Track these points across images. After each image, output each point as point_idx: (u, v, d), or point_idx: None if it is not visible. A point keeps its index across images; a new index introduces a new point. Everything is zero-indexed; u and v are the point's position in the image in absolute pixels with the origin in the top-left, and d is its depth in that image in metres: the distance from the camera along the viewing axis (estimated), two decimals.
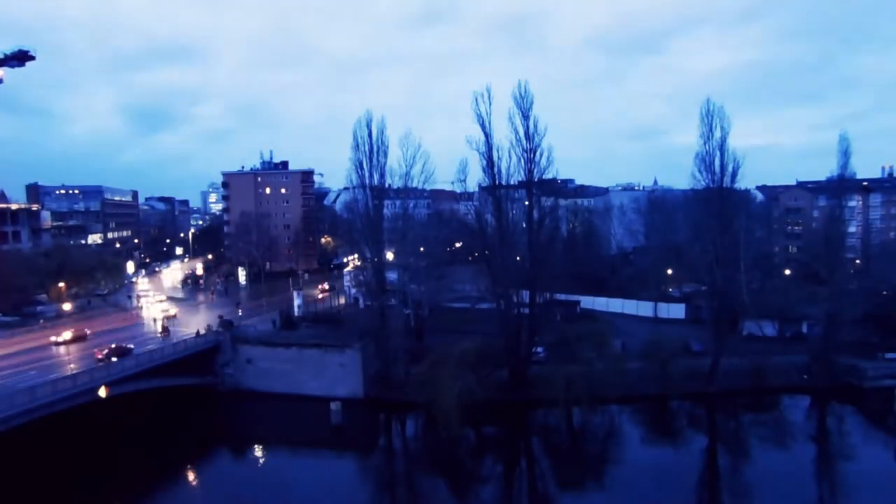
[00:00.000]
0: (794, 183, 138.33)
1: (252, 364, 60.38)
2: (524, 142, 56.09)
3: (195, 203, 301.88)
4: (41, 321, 75.26)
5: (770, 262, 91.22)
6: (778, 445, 48.06)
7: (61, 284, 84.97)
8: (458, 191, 68.88)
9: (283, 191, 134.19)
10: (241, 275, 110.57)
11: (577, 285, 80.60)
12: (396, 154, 60.16)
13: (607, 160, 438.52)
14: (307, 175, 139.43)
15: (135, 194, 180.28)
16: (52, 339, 62.92)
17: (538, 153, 56.17)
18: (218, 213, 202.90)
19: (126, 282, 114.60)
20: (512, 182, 58.26)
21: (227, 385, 60.17)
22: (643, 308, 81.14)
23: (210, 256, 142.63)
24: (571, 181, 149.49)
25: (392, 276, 65.44)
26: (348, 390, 56.94)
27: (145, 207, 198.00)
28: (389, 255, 68.32)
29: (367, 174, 60.03)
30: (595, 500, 41.74)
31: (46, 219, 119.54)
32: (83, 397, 44.60)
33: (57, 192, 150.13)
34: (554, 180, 69.26)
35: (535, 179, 57.39)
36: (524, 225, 59.68)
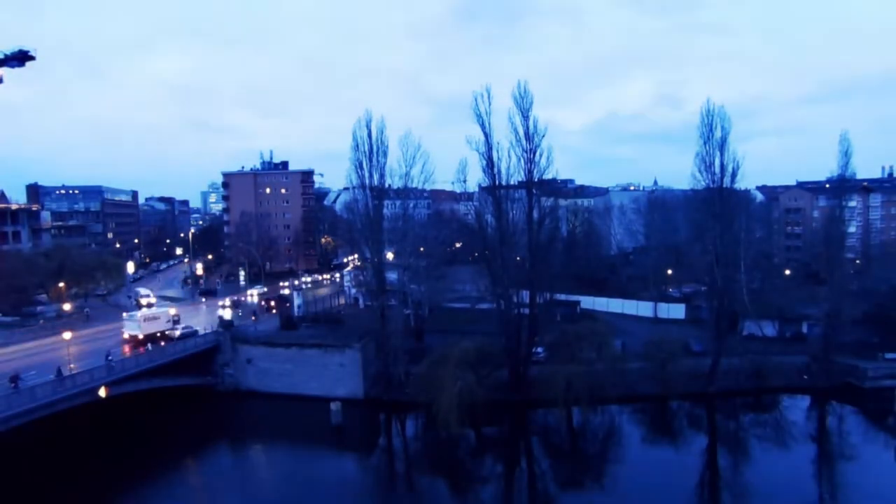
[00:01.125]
0: (794, 183, 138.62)
1: (252, 364, 60.36)
2: (524, 142, 56.11)
3: (195, 203, 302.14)
4: (41, 321, 75.22)
5: (770, 262, 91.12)
6: (778, 445, 47.99)
7: (61, 284, 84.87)
8: (458, 191, 69.06)
9: (283, 191, 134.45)
10: (242, 275, 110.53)
11: (577, 285, 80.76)
12: (396, 154, 60.26)
13: None
14: (307, 175, 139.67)
15: (135, 194, 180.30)
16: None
17: (538, 153, 56.23)
18: (218, 213, 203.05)
19: (127, 282, 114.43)
20: (512, 182, 58.27)
21: (227, 385, 60.17)
22: (643, 308, 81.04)
23: (210, 256, 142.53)
24: (571, 181, 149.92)
25: (392, 276, 65.31)
26: (348, 390, 56.93)
27: (145, 207, 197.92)
28: (389, 255, 68.25)
29: (366, 174, 59.95)
30: (595, 500, 41.60)
31: (46, 219, 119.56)
32: (83, 397, 44.57)
33: (57, 192, 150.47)
34: (554, 180, 69.32)
35: (535, 179, 57.35)
36: (524, 225, 59.63)
